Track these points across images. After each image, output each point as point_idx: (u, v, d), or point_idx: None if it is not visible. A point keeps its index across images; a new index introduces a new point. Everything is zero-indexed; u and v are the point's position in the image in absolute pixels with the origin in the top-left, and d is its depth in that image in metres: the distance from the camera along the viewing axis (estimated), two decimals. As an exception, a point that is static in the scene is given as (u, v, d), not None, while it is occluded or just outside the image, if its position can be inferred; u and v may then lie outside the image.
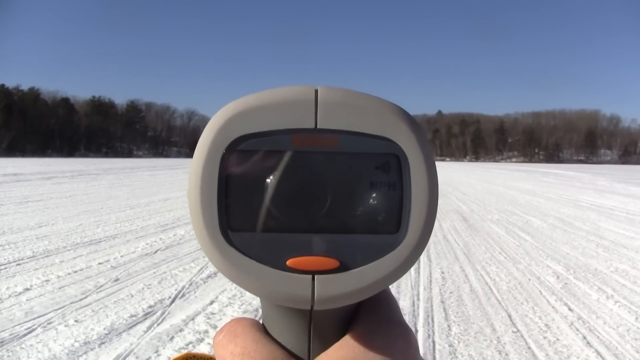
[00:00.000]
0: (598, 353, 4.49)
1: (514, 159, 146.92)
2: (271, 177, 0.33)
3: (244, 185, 0.33)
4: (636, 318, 5.41)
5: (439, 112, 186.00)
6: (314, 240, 0.33)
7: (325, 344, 0.36)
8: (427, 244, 0.34)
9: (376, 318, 0.37)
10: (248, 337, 0.35)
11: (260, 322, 0.38)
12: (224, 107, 0.34)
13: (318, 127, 0.33)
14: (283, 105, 0.33)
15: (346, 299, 0.33)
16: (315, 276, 0.32)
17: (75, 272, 6.75)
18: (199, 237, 0.33)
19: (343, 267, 0.32)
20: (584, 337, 4.85)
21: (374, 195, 0.33)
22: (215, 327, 4.85)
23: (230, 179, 0.33)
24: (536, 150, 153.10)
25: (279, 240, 0.33)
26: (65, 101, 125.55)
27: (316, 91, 0.33)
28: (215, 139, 0.33)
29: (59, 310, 5.20)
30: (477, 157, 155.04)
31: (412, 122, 0.34)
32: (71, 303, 5.46)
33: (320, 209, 0.33)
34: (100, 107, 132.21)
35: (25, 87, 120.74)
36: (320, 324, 0.36)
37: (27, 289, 5.89)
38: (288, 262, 0.32)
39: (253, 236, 0.33)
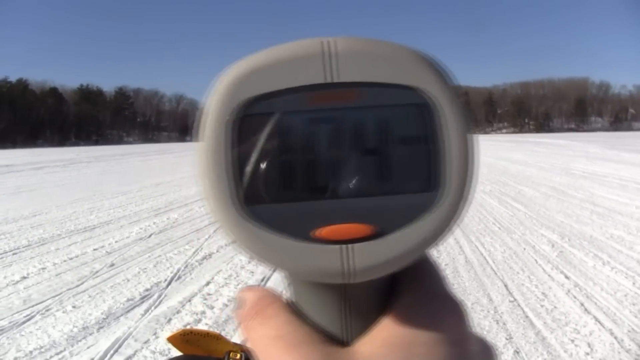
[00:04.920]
0: (596, 319, 4.52)
1: (504, 130, 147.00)
2: (286, 141, 0.30)
3: (257, 152, 0.30)
4: (633, 283, 5.44)
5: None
6: (341, 206, 0.30)
7: (364, 323, 0.33)
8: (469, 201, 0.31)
9: (420, 291, 0.33)
10: (282, 318, 0.33)
11: (288, 299, 0.35)
12: (227, 68, 0.31)
13: (332, 80, 0.29)
14: (291, 60, 0.30)
15: (385, 268, 0.30)
16: (347, 246, 0.29)
17: (70, 259, 6.73)
18: (213, 213, 0.31)
19: (377, 233, 0.29)
20: (582, 304, 4.88)
21: (403, 150, 0.30)
22: (212, 307, 4.86)
23: (240, 147, 0.30)
24: (526, 120, 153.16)
25: (302, 210, 0.30)
26: (54, 91, 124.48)
27: (327, 42, 0.30)
28: (221, 105, 0.30)
29: (57, 297, 5.19)
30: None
31: (440, 68, 0.31)
32: (68, 289, 5.44)
33: (345, 171, 0.30)
34: (89, 95, 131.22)
35: (13, 78, 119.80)
36: (356, 300, 0.33)
37: (24, 277, 5.88)
38: (315, 233, 0.29)
39: (273, 208, 0.30)
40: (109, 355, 3.90)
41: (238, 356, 1.50)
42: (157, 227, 8.98)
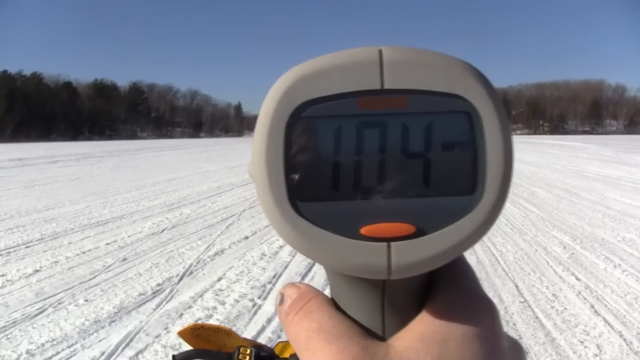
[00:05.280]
0: (606, 321, 4.51)
1: (518, 131, 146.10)
2: (339, 143, 0.31)
3: (311, 153, 0.32)
4: (643, 286, 5.42)
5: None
6: (388, 205, 0.31)
7: (401, 319, 0.35)
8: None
9: (456, 290, 0.35)
10: (323, 312, 0.34)
11: (329, 296, 0.37)
12: (285, 73, 0.33)
13: (385, 87, 0.31)
14: (347, 67, 0.31)
15: (424, 266, 0.32)
16: (391, 243, 0.31)
17: (83, 252, 6.79)
18: (266, 210, 0.32)
19: (419, 232, 0.31)
20: (592, 306, 4.86)
21: (448, 155, 0.32)
22: (223, 303, 4.89)
23: (296, 147, 0.32)
24: (541, 122, 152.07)
25: (351, 208, 0.31)
26: (68, 85, 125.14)
27: (380, 51, 0.32)
28: (278, 107, 0.32)
29: (69, 291, 5.24)
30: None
31: (483, 78, 0.33)
32: (80, 283, 5.50)
33: (392, 173, 0.31)
34: (103, 90, 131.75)
35: (27, 72, 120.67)
36: (394, 296, 0.35)
37: (37, 271, 5.94)
38: (362, 230, 0.31)
39: (323, 206, 0.32)
40: (120, 349, 3.94)
41: (248, 351, 1.52)
42: (169, 222, 9.03)
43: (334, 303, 0.36)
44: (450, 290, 0.35)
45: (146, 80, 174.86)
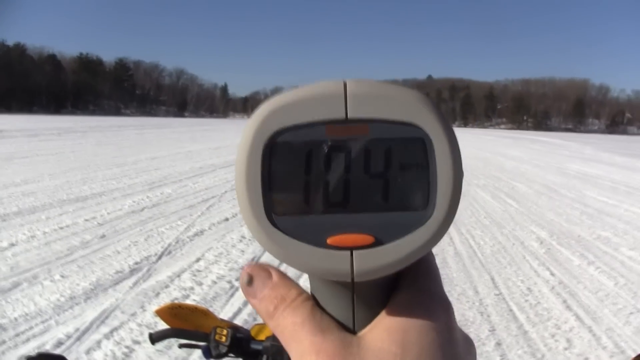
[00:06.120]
0: (577, 316, 4.59)
1: (502, 126, 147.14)
2: (309, 164, 0.35)
3: (285, 173, 0.35)
4: (615, 284, 5.51)
5: (430, 77, 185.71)
6: (351, 219, 0.35)
7: (369, 314, 0.39)
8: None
9: (417, 290, 0.39)
10: (306, 309, 0.38)
11: (309, 292, 0.41)
12: (263, 103, 0.36)
13: (349, 117, 0.35)
14: (316, 99, 0.35)
15: (382, 271, 0.36)
16: (353, 251, 0.35)
17: (61, 228, 6.74)
18: (247, 222, 0.36)
19: (378, 242, 0.35)
20: (565, 301, 4.95)
21: (404, 176, 0.35)
22: (200, 284, 4.90)
23: (272, 168, 0.35)
24: (525, 118, 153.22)
25: (319, 221, 0.35)
26: (52, 58, 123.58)
27: (345, 84, 0.36)
28: (257, 134, 0.35)
29: (45, 266, 5.21)
30: (466, 122, 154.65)
31: (435, 108, 0.36)
32: (57, 259, 5.47)
33: (355, 190, 0.35)
34: (88, 65, 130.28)
35: (10, 42, 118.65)
36: (363, 295, 0.39)
37: (13, 244, 5.89)
38: (328, 240, 0.35)
39: (295, 219, 0.35)
40: (95, 326, 3.94)
41: (225, 332, 1.52)
42: (150, 201, 8.99)
43: (313, 298, 0.40)
44: (410, 290, 0.39)
45: (132, 57, 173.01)
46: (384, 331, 0.37)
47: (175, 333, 1.45)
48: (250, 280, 0.40)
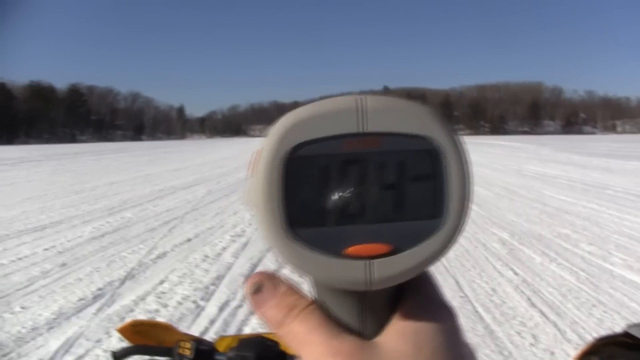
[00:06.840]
0: (542, 313, 4.67)
1: (460, 132, 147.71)
2: (326, 177, 0.36)
3: (304, 186, 0.36)
4: (577, 278, 5.64)
5: (385, 88, 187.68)
6: (366, 229, 0.37)
7: (377, 322, 0.40)
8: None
9: (422, 297, 0.41)
10: (320, 316, 0.39)
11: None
12: (282, 118, 0.38)
13: (364, 131, 0.37)
14: (333, 113, 0.37)
15: (400, 277, 0.37)
16: (370, 261, 0.36)
17: (19, 259, 6.58)
18: (266, 234, 0.37)
19: (395, 250, 0.37)
20: (529, 299, 5.03)
21: (417, 186, 0.37)
22: (165, 305, 4.83)
23: (291, 181, 0.36)
24: (482, 123, 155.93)
25: (336, 232, 0.36)
26: (2, 86, 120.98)
27: (360, 99, 0.37)
28: (277, 147, 0.36)
29: (3, 299, 5.06)
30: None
31: (445, 121, 0.38)
32: (16, 290, 5.33)
33: (370, 201, 0.36)
34: (40, 92, 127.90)
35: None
36: (371, 303, 0.40)
37: (-31, 278, 5.72)
38: (345, 251, 0.36)
39: (313, 230, 0.37)
40: (59, 355, 3.85)
41: (188, 345, 1.51)
42: (110, 226, 8.85)
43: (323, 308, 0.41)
44: (417, 297, 0.41)
45: (85, 82, 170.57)
46: (398, 334, 0.39)
47: (139, 350, 1.44)
48: (258, 289, 0.41)
